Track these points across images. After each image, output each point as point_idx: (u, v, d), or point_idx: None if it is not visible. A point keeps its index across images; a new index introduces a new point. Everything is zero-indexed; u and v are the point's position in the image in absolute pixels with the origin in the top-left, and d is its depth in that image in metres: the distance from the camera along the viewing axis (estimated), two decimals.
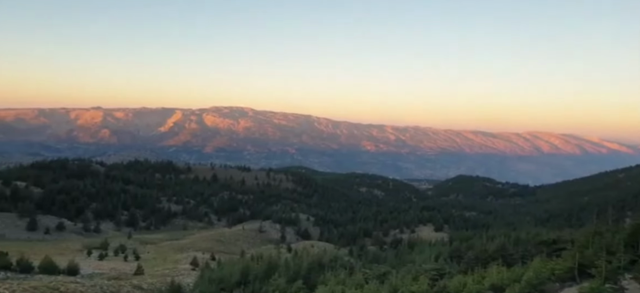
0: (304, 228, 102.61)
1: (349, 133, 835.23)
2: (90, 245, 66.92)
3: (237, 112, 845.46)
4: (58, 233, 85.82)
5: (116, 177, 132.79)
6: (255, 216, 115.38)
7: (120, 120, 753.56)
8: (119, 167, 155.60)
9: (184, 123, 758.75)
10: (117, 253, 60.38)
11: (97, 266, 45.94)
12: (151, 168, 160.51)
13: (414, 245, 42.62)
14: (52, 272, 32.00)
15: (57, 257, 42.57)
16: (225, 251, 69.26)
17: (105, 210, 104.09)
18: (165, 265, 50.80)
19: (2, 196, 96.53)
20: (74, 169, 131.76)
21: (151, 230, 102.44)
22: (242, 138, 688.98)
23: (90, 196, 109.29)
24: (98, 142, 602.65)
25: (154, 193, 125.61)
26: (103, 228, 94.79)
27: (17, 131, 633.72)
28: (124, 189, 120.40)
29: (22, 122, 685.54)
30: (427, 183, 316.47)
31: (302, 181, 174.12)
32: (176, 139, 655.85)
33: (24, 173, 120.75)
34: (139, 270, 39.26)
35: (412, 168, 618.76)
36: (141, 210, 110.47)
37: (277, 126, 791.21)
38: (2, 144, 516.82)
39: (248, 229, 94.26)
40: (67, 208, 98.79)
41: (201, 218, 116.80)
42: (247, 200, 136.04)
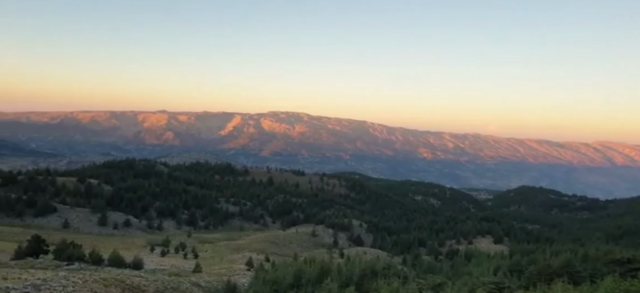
0: (356, 234, 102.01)
1: (405, 139, 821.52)
2: (153, 241, 70.67)
3: (293, 117, 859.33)
4: (125, 229, 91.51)
5: (178, 178, 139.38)
6: (308, 220, 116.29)
7: (184, 123, 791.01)
8: (182, 168, 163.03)
9: (242, 127, 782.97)
10: (178, 251, 63.12)
11: (159, 262, 48.38)
12: (211, 170, 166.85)
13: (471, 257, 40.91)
14: (119, 265, 34.10)
15: (123, 251, 45.29)
16: (278, 253, 70.36)
17: (167, 208, 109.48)
18: (221, 264, 52.43)
19: (78, 193, 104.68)
20: (140, 169, 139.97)
21: (209, 229, 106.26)
22: (297, 143, 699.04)
23: (154, 195, 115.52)
24: (163, 144, 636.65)
25: (213, 193, 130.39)
26: (165, 226, 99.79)
27: (91, 132, 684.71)
28: (186, 189, 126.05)
29: (96, 124, 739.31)
30: (487, 193, 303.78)
31: (356, 187, 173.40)
32: (235, 143, 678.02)
33: (96, 171, 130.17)
34: (197, 268, 40.81)
35: (470, 177, 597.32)
36: (201, 209, 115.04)
37: (331, 132, 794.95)
38: (79, 144, 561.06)
39: (301, 232, 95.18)
40: (133, 206, 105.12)
41: (257, 219, 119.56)
42: (301, 204, 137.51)
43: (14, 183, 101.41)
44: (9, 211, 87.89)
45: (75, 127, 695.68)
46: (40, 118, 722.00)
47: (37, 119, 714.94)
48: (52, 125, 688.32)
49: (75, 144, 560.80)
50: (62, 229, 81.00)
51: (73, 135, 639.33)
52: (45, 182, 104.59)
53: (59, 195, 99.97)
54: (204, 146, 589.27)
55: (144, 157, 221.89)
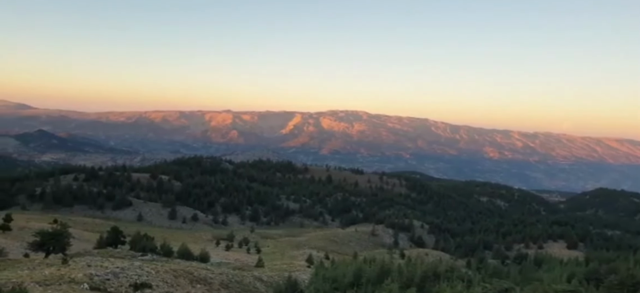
0: (417, 235, 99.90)
1: (469, 138, 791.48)
2: (219, 236, 73.72)
3: (352, 115, 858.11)
4: (192, 223, 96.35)
5: (242, 175, 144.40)
6: (367, 219, 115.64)
7: (247, 122, 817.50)
8: (245, 166, 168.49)
9: (303, 126, 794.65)
10: (241, 246, 65.36)
11: (224, 256, 50.37)
12: (273, 168, 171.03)
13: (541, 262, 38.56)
14: (187, 258, 35.89)
15: (191, 245, 47.61)
16: (338, 251, 70.58)
17: (232, 204, 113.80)
18: (283, 260, 53.54)
19: (151, 188, 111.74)
20: (207, 167, 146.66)
21: (271, 225, 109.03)
22: (356, 141, 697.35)
23: (220, 191, 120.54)
24: (228, 142, 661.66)
25: (275, 191, 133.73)
26: (230, 221, 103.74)
27: (163, 130, 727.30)
28: (249, 186, 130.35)
29: (167, 123, 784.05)
30: (559, 195, 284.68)
31: (417, 186, 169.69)
32: (296, 141, 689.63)
33: (167, 168, 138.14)
34: (260, 262, 41.98)
35: (541, 177, 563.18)
36: (263, 206, 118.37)
37: (391, 130, 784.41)
38: (152, 142, 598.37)
39: (361, 231, 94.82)
40: (200, 201, 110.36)
41: (316, 217, 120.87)
42: (360, 203, 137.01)
43: (95, 178, 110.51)
44: (91, 203, 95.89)
45: (149, 126, 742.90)
46: (118, 118, 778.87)
47: (115, 119, 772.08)
48: (128, 124, 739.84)
49: (149, 142, 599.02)
50: (137, 222, 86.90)
51: (146, 134, 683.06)
52: (122, 178, 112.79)
53: (134, 190, 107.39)
54: (266, 144, 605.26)
55: (210, 155, 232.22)
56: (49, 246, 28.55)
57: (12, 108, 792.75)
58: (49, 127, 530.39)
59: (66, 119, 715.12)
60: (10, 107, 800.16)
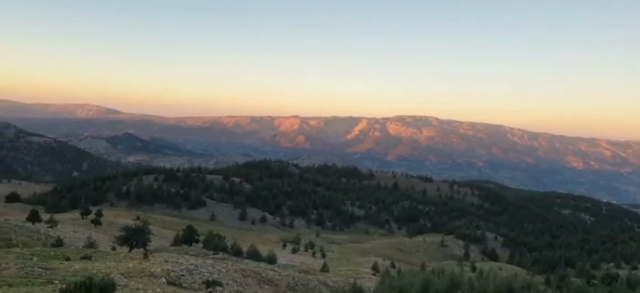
0: (490, 248, 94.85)
1: (549, 146, 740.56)
2: (285, 238, 75.19)
3: (421, 121, 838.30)
4: (261, 225, 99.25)
5: (308, 179, 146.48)
6: (436, 229, 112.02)
7: (314, 127, 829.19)
8: (311, 170, 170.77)
9: (368, 131, 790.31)
10: (307, 249, 66.11)
11: (290, 258, 51.21)
12: (338, 173, 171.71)
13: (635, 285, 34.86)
14: (256, 258, 36.92)
15: (259, 246, 48.96)
16: (404, 260, 68.99)
17: (298, 207, 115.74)
18: (348, 265, 53.31)
19: (223, 189, 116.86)
20: (275, 170, 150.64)
21: (336, 230, 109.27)
22: (424, 148, 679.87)
23: (287, 194, 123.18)
24: (295, 147, 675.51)
25: (340, 196, 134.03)
26: (296, 224, 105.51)
27: (235, 135, 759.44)
28: (315, 190, 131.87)
29: (239, 127, 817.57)
30: None
31: (490, 196, 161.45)
32: (361, 146, 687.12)
33: (238, 171, 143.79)
34: (325, 267, 42.10)
35: (634, 191, 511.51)
36: (328, 210, 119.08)
37: (462, 137, 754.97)
38: (225, 146, 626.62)
39: (429, 241, 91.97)
40: (268, 203, 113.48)
41: (382, 224, 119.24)
42: (428, 211, 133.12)
43: (173, 179, 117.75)
44: (169, 202, 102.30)
45: (222, 130, 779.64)
46: (195, 123, 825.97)
47: (192, 123, 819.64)
48: (204, 129, 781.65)
49: (222, 146, 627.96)
50: (210, 221, 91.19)
51: (220, 138, 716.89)
52: (197, 179, 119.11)
53: (207, 191, 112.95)
54: (332, 149, 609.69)
55: (278, 158, 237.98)
56: (133, 241, 30.72)
57: (103, 113, 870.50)
58: (135, 130, 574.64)
59: (149, 124, 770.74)
60: (101, 112, 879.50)
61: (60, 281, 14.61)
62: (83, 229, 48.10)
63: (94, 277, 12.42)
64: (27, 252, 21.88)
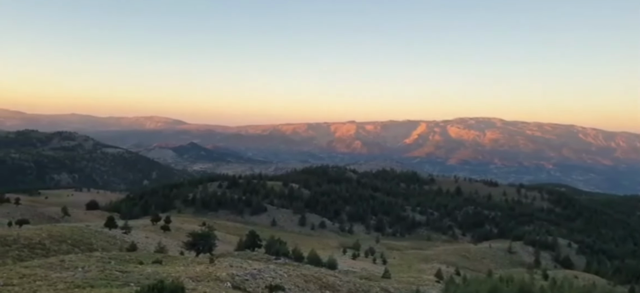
0: (563, 255, 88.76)
1: (629, 146, 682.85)
2: (345, 244, 75.02)
3: (484, 123, 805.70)
4: (320, 230, 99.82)
5: (366, 184, 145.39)
6: (503, 235, 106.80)
7: (371, 132, 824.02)
8: (369, 175, 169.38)
9: (428, 135, 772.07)
10: (367, 255, 65.49)
11: (350, 264, 50.94)
12: (396, 178, 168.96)
13: None
14: (316, 264, 37.05)
15: (320, 251, 49.19)
16: (470, 267, 66.31)
17: (357, 213, 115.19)
18: (409, 272, 52.13)
19: (283, 195, 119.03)
20: (332, 176, 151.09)
21: (397, 236, 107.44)
22: (488, 151, 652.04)
23: (345, 200, 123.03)
24: (352, 152, 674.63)
25: (399, 201, 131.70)
26: (355, 230, 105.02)
27: (292, 142, 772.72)
28: (373, 196, 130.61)
29: (297, 134, 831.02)
30: None
31: (562, 200, 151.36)
32: (420, 151, 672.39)
33: (297, 177, 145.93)
34: (386, 273, 41.40)
35: None
36: (387, 216, 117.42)
37: (529, 138, 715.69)
38: (283, 153, 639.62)
39: (495, 248, 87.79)
40: (327, 209, 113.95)
41: (445, 230, 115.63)
42: (494, 217, 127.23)
43: (236, 185, 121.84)
44: (232, 208, 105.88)
45: (281, 138, 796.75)
46: (255, 131, 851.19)
47: (252, 132, 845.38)
48: (263, 136, 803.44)
49: (280, 153, 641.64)
50: (271, 226, 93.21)
51: (278, 145, 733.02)
52: (258, 186, 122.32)
53: (268, 197, 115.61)
54: (389, 154, 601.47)
55: (335, 164, 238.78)
56: (199, 246, 32.01)
57: (170, 124, 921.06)
58: (199, 140, 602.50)
59: (213, 133, 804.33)
60: (169, 123, 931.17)
61: (135, 284, 15.46)
62: (154, 235, 50.90)
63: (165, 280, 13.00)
64: (106, 256, 23.44)
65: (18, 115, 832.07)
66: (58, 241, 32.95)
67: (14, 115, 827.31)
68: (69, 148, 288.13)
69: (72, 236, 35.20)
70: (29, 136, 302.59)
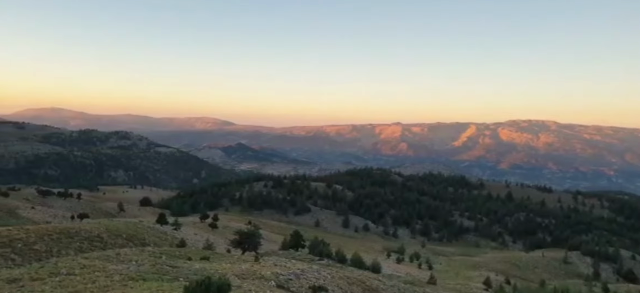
0: (626, 268, 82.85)
1: None
2: (389, 247, 74.05)
3: (537, 126, 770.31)
4: (364, 233, 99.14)
5: (412, 188, 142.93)
6: (557, 244, 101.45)
7: (417, 134, 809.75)
8: (415, 178, 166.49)
9: (477, 138, 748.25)
10: (412, 260, 64.34)
11: (395, 268, 50.24)
12: (444, 182, 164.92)
13: None
14: (359, 266, 36.83)
15: (363, 254, 48.83)
16: (521, 276, 63.53)
17: (402, 217, 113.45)
18: (456, 279, 50.68)
19: (326, 196, 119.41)
20: (377, 178, 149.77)
21: (443, 242, 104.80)
22: (542, 155, 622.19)
23: (390, 203, 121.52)
24: (397, 154, 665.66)
25: (447, 206, 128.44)
26: (400, 234, 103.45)
27: (337, 143, 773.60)
28: (419, 199, 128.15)
29: (340, 136, 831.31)
30: None
31: (625, 209, 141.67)
32: (469, 154, 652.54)
33: (340, 178, 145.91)
34: (432, 279, 40.46)
35: None
36: (434, 221, 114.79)
37: (588, 142, 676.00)
38: (327, 154, 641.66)
39: (549, 257, 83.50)
40: (371, 212, 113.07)
41: (494, 237, 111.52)
42: (548, 225, 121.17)
43: (281, 185, 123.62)
44: (277, 208, 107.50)
45: (325, 139, 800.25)
46: (300, 132, 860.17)
47: (297, 133, 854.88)
48: (308, 137, 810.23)
49: (324, 154, 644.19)
50: (314, 227, 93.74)
51: (323, 146, 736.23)
52: (302, 186, 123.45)
53: (312, 198, 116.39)
54: (437, 157, 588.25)
55: (380, 166, 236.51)
56: (245, 245, 32.67)
57: (219, 125, 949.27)
58: (246, 140, 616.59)
59: (259, 134, 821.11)
60: (218, 124, 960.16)
61: (184, 279, 16.00)
62: (202, 232, 52.55)
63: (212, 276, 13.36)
64: (157, 251, 24.46)
65: (81, 115, 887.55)
66: (114, 235, 34.78)
67: (77, 115, 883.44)
68: (125, 147, 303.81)
69: (127, 231, 37.04)
70: (90, 135, 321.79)
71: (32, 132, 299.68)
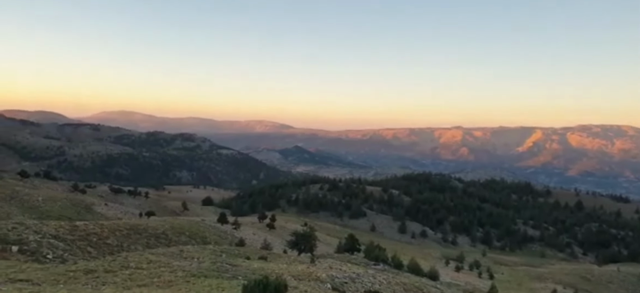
0: None
1: None
2: (448, 255, 71.81)
3: (611, 131, 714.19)
4: (421, 239, 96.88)
5: (473, 194, 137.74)
6: (635, 258, 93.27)
7: (478, 139, 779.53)
8: (476, 184, 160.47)
9: (544, 143, 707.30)
10: (472, 268, 61.99)
11: (453, 276, 48.63)
12: (507, 188, 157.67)
13: None
14: (416, 273, 35.96)
15: (420, 260, 47.71)
16: (592, 291, 59.13)
17: (461, 224, 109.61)
18: (519, 290, 48.23)
19: (382, 201, 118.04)
20: (435, 183, 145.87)
21: (505, 251, 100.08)
22: (616, 162, 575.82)
23: (449, 209, 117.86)
24: (457, 159, 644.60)
25: (510, 214, 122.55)
26: (459, 242, 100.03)
27: (393, 147, 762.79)
28: (480, 206, 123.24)
29: (397, 140, 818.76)
30: None
31: None
32: (535, 160, 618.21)
33: (397, 183, 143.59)
34: (493, 289, 38.71)
35: None
36: (496, 229, 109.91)
37: None
38: (383, 158, 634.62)
39: (625, 272, 76.99)
40: (428, 218, 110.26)
41: (562, 248, 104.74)
42: (624, 237, 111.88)
43: (336, 188, 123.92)
44: (332, 211, 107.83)
45: (381, 142, 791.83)
46: (355, 135, 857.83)
47: (353, 136, 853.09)
48: (363, 141, 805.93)
49: (380, 158, 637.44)
50: (370, 231, 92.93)
51: (379, 150, 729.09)
52: (358, 189, 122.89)
53: (367, 202, 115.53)
54: (499, 162, 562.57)
55: (439, 171, 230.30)
56: (301, 246, 33.10)
57: (277, 128, 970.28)
58: (303, 143, 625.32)
59: (315, 137, 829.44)
60: (276, 127, 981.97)
61: (243, 277, 16.50)
62: (260, 232, 53.91)
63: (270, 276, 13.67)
64: (218, 249, 25.43)
65: (149, 118, 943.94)
66: (178, 232, 36.61)
67: (146, 118, 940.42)
68: (189, 148, 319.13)
69: (189, 229, 38.85)
70: (157, 137, 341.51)
71: (106, 134, 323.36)
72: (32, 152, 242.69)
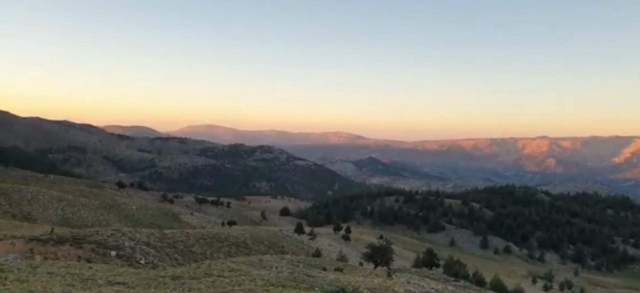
0: None
1: None
2: (535, 273, 66.84)
3: None
4: (505, 255, 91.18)
5: (561, 208, 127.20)
6: None
7: (567, 149, 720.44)
8: (565, 198, 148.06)
9: None
10: (563, 288, 57.22)
11: None
12: (602, 203, 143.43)
13: None
14: (500, 291, 33.93)
15: (504, 278, 44.91)
16: None
17: (549, 240, 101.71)
18: None
19: (462, 214, 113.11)
20: (519, 196, 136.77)
21: (602, 271, 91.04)
22: None
23: (535, 224, 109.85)
24: (543, 171, 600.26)
25: (605, 230, 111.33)
26: (547, 259, 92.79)
27: (473, 158, 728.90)
28: (570, 222, 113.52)
29: (478, 150, 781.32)
30: None
31: None
32: (634, 172, 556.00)
33: (478, 195, 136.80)
34: None
35: None
36: (590, 246, 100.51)
37: None
38: (462, 169, 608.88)
39: None
40: (512, 233, 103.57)
41: None
42: None
43: (412, 201, 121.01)
44: (409, 224, 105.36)
45: (459, 153, 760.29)
46: (432, 146, 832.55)
47: (429, 147, 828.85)
48: (441, 152, 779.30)
49: (459, 169, 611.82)
50: (449, 246, 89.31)
51: (457, 161, 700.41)
52: (435, 202, 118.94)
53: (446, 215, 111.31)
54: (591, 174, 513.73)
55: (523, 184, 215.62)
56: (377, 259, 32.67)
57: (351, 139, 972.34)
58: (377, 154, 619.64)
59: (389, 148, 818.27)
60: (350, 138, 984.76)
61: (319, 288, 16.65)
62: (335, 243, 54.19)
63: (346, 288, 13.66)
64: (295, 259, 25.97)
65: (231, 131, 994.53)
66: (257, 241, 37.97)
67: (228, 131, 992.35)
68: (267, 160, 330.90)
69: (268, 239, 40.14)
70: (238, 149, 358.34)
71: (192, 146, 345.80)
72: (128, 164, 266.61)
